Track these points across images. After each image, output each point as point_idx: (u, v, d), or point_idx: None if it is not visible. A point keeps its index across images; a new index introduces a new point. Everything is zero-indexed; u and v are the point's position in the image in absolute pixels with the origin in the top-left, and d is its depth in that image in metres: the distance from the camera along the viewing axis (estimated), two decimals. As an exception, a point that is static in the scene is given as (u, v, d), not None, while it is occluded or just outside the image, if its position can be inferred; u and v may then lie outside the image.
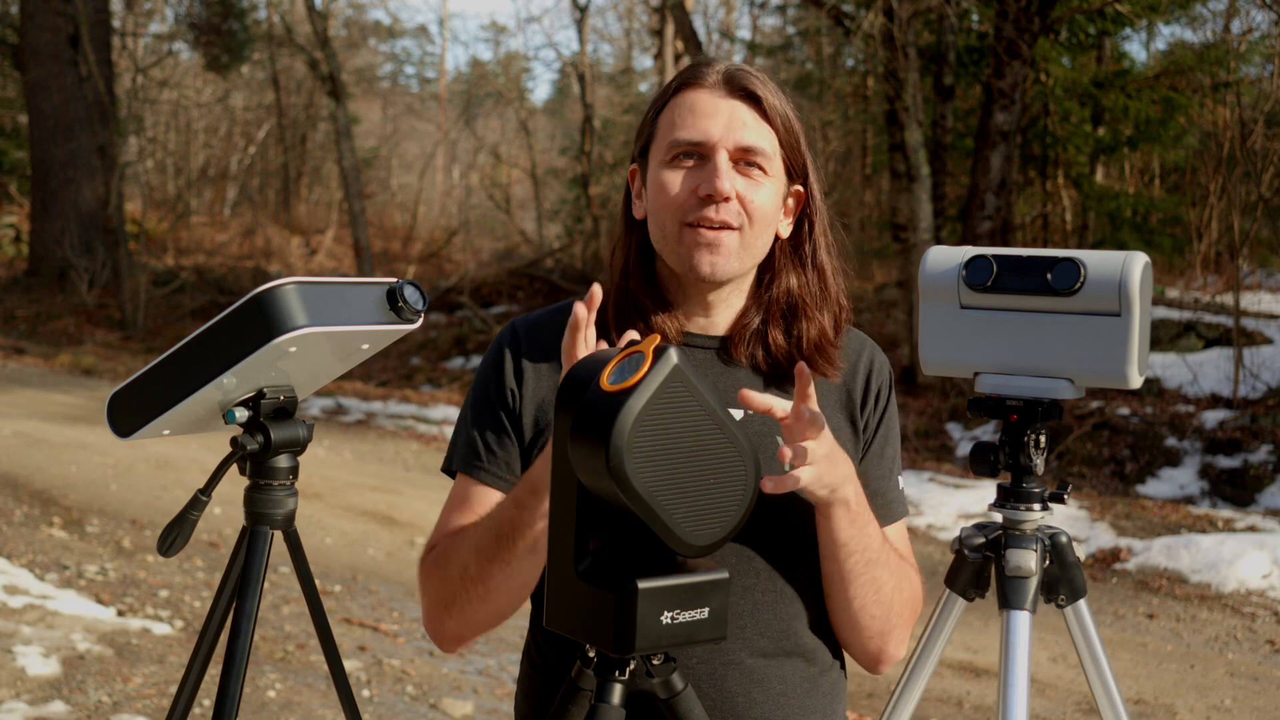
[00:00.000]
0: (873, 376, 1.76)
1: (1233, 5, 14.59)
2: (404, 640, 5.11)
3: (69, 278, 18.64)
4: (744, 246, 1.63)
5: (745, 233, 1.62)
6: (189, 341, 1.60)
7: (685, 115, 1.62)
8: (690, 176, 1.61)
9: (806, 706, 1.69)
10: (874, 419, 1.75)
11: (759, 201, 1.62)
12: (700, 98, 1.63)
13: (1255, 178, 11.56)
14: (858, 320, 1.80)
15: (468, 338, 16.25)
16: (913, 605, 1.72)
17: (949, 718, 4.54)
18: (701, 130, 1.61)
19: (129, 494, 7.45)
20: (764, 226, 1.64)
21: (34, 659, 4.52)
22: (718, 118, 1.61)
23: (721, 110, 1.61)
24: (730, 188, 1.59)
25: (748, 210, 1.61)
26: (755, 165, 1.62)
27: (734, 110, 1.62)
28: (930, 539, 7.19)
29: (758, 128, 1.62)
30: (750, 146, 1.61)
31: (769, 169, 1.63)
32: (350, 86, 26.49)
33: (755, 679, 1.65)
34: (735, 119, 1.61)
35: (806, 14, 20.36)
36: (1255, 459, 9.36)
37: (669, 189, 1.62)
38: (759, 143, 1.62)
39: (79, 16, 17.62)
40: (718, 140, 1.60)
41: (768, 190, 1.63)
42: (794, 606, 1.67)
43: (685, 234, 1.61)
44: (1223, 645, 5.43)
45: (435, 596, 1.64)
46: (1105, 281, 1.71)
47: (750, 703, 1.64)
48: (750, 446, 1.26)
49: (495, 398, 1.69)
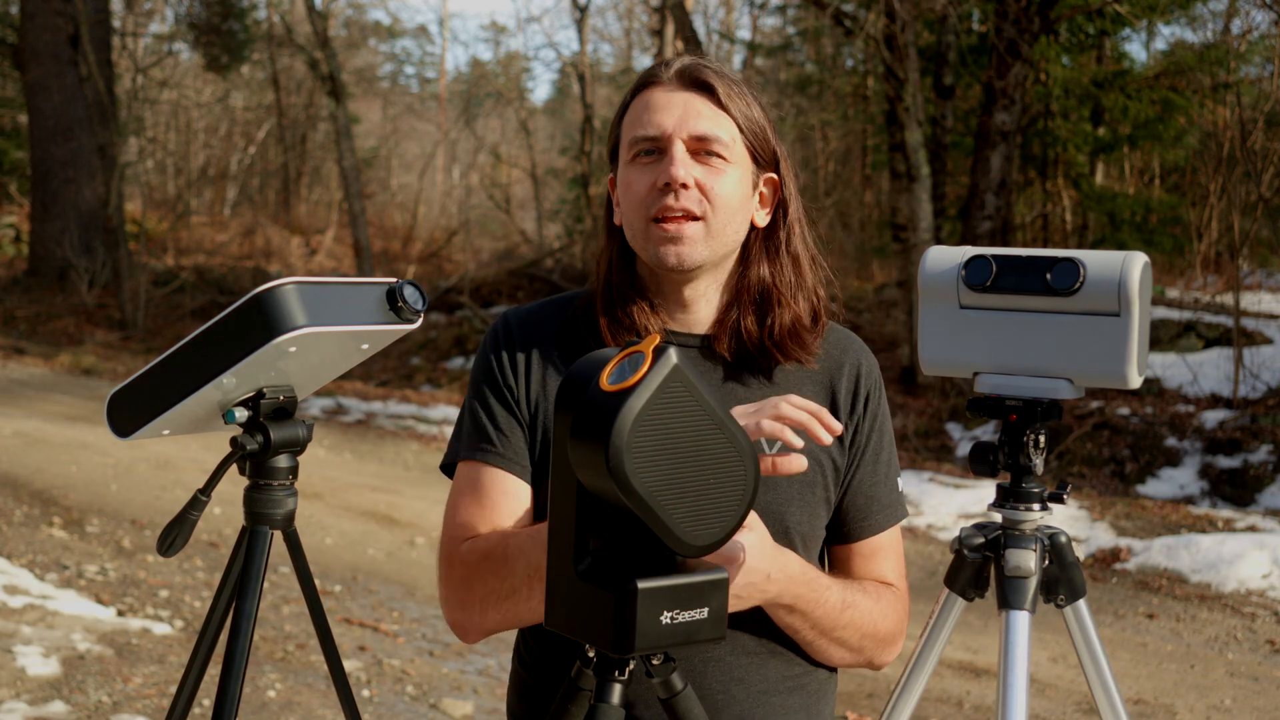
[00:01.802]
0: (861, 380, 1.76)
1: (1233, 5, 14.61)
2: (404, 640, 5.11)
3: (69, 278, 18.64)
4: (710, 234, 1.63)
5: (709, 220, 1.62)
6: (189, 341, 1.60)
7: (642, 113, 1.65)
8: (650, 170, 1.63)
9: (789, 705, 1.69)
10: (865, 424, 1.75)
11: (720, 189, 1.62)
12: (656, 94, 1.65)
13: (1255, 178, 11.56)
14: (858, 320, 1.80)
15: (468, 338, 16.25)
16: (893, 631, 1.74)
17: (949, 718, 4.54)
18: (656, 125, 1.62)
19: (129, 494, 7.45)
20: (729, 214, 1.64)
21: (34, 659, 4.52)
22: (672, 110, 1.63)
23: (675, 102, 1.63)
24: (686, 174, 1.60)
25: (709, 197, 1.62)
26: (714, 154, 1.63)
27: (688, 101, 1.63)
28: (930, 539, 7.19)
29: (713, 116, 1.63)
30: (704, 135, 1.62)
31: (728, 155, 1.63)
32: (350, 86, 26.50)
33: (735, 676, 1.65)
34: (689, 109, 1.63)
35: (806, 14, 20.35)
36: (1255, 459, 9.36)
37: (632, 186, 1.64)
38: (713, 130, 1.62)
39: (79, 16, 17.62)
40: (672, 131, 1.62)
41: (730, 178, 1.63)
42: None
43: (651, 229, 1.62)
44: (1223, 645, 5.43)
45: (485, 590, 1.59)
46: (1105, 281, 1.71)
47: (729, 699, 1.65)
48: (750, 447, 1.26)
49: (496, 387, 1.70)
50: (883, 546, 1.76)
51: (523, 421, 1.68)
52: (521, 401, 1.69)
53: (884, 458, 1.77)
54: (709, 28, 25.36)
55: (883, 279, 16.54)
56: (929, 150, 12.62)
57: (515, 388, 1.69)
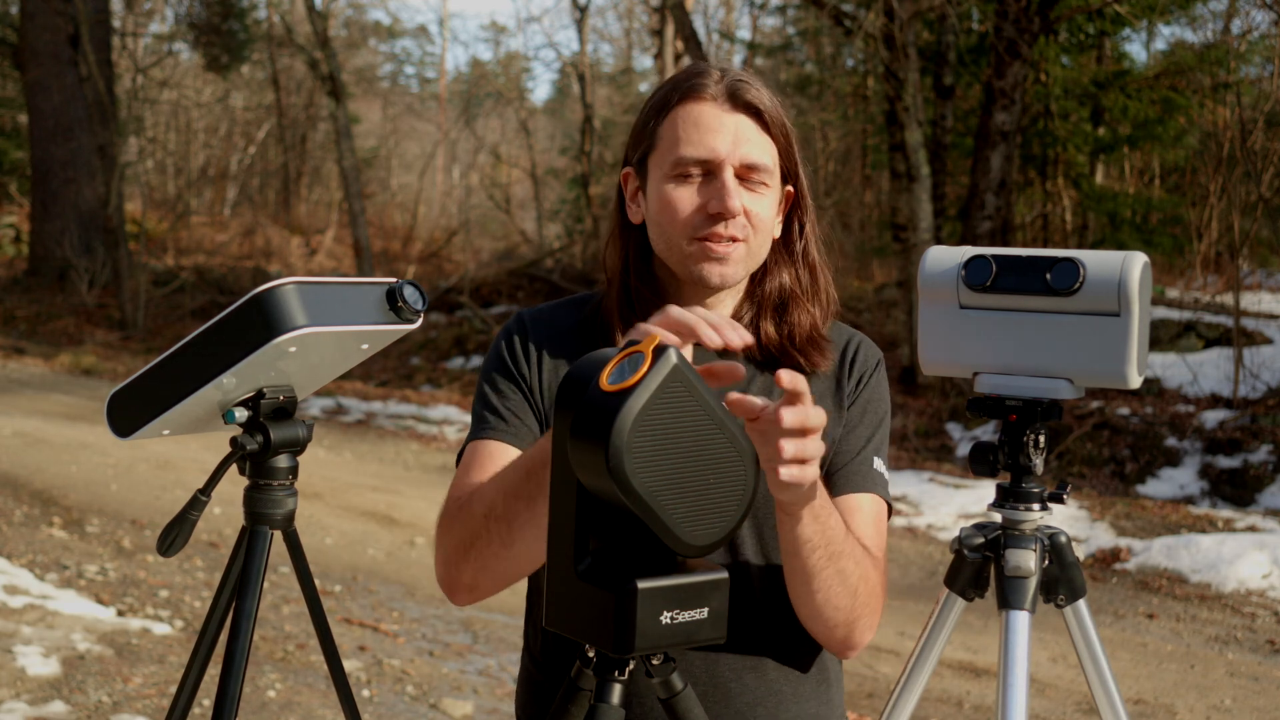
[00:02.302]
0: (856, 362, 1.76)
1: (1233, 5, 14.61)
2: (404, 640, 5.11)
3: (69, 278, 18.65)
4: (749, 255, 1.66)
5: (750, 242, 1.65)
6: (189, 341, 1.60)
7: (690, 130, 1.63)
8: (697, 193, 1.63)
9: (800, 693, 1.69)
10: (852, 394, 1.73)
11: (762, 213, 1.65)
12: (704, 112, 1.64)
13: (1255, 178, 11.56)
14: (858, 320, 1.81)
15: (468, 338, 16.25)
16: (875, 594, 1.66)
17: (949, 718, 4.54)
18: (708, 148, 1.62)
19: (129, 494, 7.45)
20: (765, 234, 1.68)
21: (34, 659, 4.52)
22: (723, 134, 1.62)
23: (726, 126, 1.63)
24: (739, 205, 1.61)
25: (752, 222, 1.64)
26: (759, 181, 1.65)
27: (739, 126, 1.63)
28: (930, 539, 7.19)
29: (761, 142, 1.65)
30: (755, 164, 1.63)
31: (770, 182, 1.66)
32: (350, 86, 26.50)
33: (748, 664, 1.66)
34: (740, 135, 1.63)
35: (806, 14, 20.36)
36: (1255, 459, 9.36)
37: (677, 206, 1.63)
38: (763, 159, 1.64)
39: (79, 16, 17.62)
40: (725, 157, 1.62)
41: (769, 201, 1.67)
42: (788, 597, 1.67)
43: (696, 248, 1.64)
44: (1223, 645, 5.43)
45: (455, 540, 1.60)
46: (1104, 281, 1.72)
47: (742, 687, 1.65)
48: (750, 446, 1.26)
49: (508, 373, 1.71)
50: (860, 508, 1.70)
51: (535, 406, 1.69)
52: (535, 389, 1.70)
53: (865, 433, 1.73)
54: (709, 28, 25.37)
55: (883, 279, 16.54)
56: (929, 150, 12.62)
57: (529, 376, 1.70)
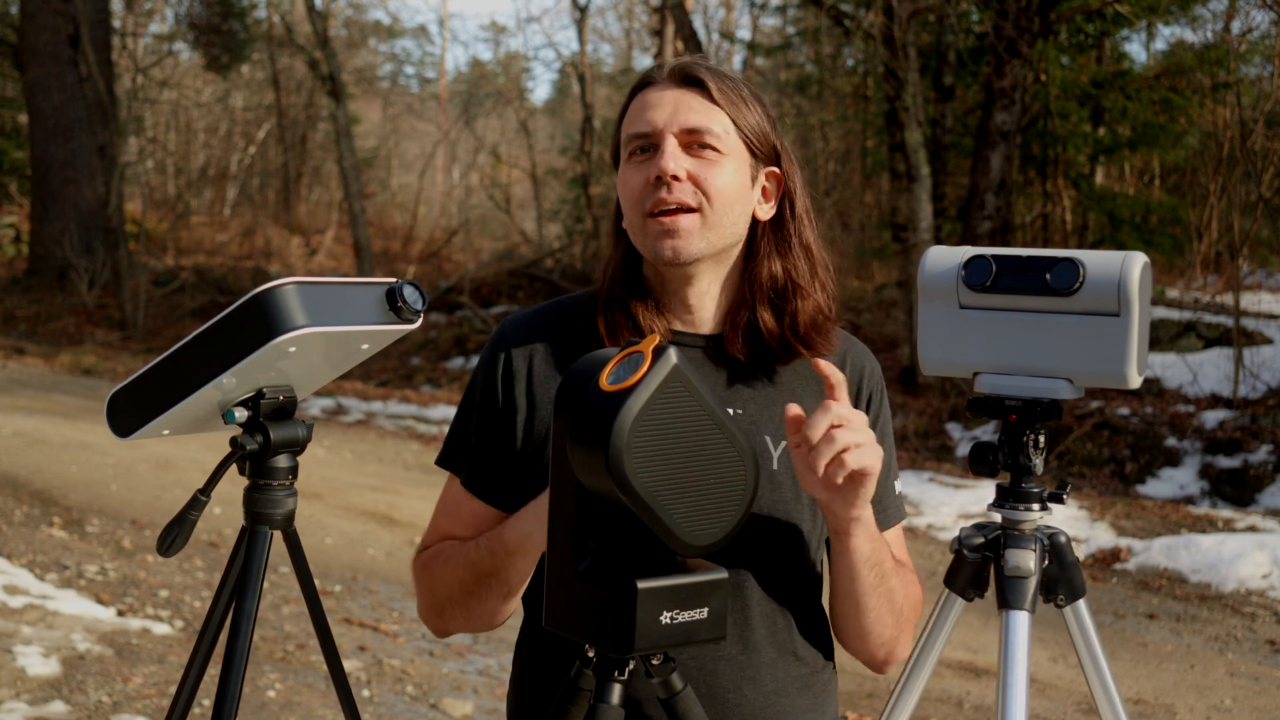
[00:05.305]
0: (864, 382, 1.76)
1: (1233, 5, 14.60)
2: (404, 640, 5.11)
3: (69, 278, 18.64)
4: (706, 226, 1.63)
5: (706, 212, 1.63)
6: (189, 341, 1.60)
7: (637, 112, 1.67)
8: (644, 167, 1.65)
9: (798, 705, 1.69)
10: (867, 415, 1.74)
11: (716, 180, 1.63)
12: (650, 94, 1.68)
13: (1255, 178, 11.56)
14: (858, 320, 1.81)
15: (468, 338, 16.26)
16: (916, 607, 1.74)
17: (949, 718, 4.54)
18: (649, 120, 1.65)
19: (129, 494, 7.45)
20: (726, 205, 1.64)
21: (34, 659, 4.52)
22: (663, 107, 1.65)
23: (667, 99, 1.65)
24: (676, 166, 1.61)
25: (704, 189, 1.62)
26: (706, 145, 1.64)
27: (679, 97, 1.65)
28: (930, 539, 7.19)
29: (704, 109, 1.65)
30: (695, 127, 1.63)
31: (722, 147, 1.64)
32: (350, 86, 26.50)
33: (747, 675, 1.65)
34: (680, 104, 1.65)
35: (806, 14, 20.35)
36: (1255, 459, 9.36)
37: (629, 185, 1.66)
38: (704, 122, 1.64)
39: (79, 16, 17.62)
40: (663, 126, 1.63)
41: (725, 169, 1.64)
42: (787, 605, 1.68)
43: (648, 224, 1.64)
44: (1223, 645, 5.43)
45: (426, 599, 1.75)
46: (1104, 281, 1.72)
47: (740, 698, 1.65)
48: (750, 446, 1.26)
49: (483, 406, 1.72)
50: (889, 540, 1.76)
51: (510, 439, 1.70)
52: (518, 408, 1.70)
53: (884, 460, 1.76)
54: (709, 28, 25.38)
55: (883, 279, 16.53)
56: (929, 150, 12.62)
57: (507, 397, 1.70)
